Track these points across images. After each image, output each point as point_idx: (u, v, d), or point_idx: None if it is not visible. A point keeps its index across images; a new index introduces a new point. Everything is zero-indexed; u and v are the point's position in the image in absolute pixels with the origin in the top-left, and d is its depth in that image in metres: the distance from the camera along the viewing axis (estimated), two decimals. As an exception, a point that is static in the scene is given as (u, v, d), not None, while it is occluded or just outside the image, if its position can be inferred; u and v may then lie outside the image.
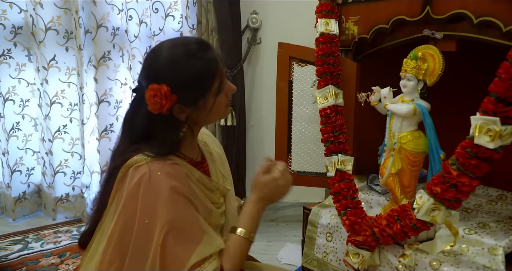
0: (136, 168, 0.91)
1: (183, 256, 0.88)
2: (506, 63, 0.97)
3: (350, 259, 1.34)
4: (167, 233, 0.87)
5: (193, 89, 0.92)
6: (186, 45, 0.93)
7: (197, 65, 0.91)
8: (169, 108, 0.91)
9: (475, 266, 1.17)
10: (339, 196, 1.41)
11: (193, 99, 0.93)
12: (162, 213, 0.88)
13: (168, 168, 0.91)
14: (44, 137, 2.47)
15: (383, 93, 1.36)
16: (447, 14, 1.27)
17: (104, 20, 2.28)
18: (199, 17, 2.21)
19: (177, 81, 0.90)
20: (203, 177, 1.01)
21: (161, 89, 0.88)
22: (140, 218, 0.89)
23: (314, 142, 1.69)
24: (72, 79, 2.46)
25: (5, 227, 2.40)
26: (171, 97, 0.89)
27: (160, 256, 0.86)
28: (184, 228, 0.90)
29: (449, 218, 1.13)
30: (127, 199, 0.90)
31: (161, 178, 0.89)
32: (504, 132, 0.98)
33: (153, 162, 0.91)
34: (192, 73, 0.91)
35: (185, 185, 0.93)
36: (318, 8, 1.59)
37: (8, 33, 2.35)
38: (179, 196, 0.90)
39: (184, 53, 0.92)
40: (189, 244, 0.89)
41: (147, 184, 0.89)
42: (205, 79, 0.93)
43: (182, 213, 0.90)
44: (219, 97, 0.97)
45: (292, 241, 2.22)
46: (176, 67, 0.91)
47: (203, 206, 0.97)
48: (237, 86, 2.25)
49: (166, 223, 0.87)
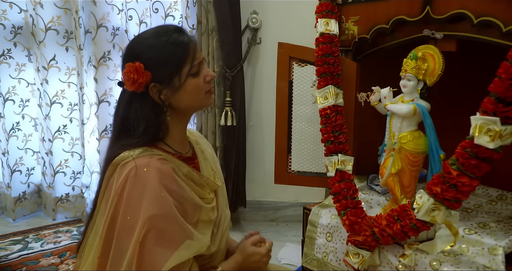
0: (123, 165, 0.92)
1: (160, 258, 0.88)
2: (506, 63, 0.97)
3: (350, 259, 1.34)
4: (148, 231, 0.87)
5: (165, 66, 0.95)
6: (160, 27, 1.00)
7: (168, 43, 0.95)
8: (143, 84, 0.93)
9: (475, 266, 1.17)
10: (339, 196, 1.41)
11: (167, 77, 0.95)
12: (146, 208, 0.88)
13: (155, 163, 0.91)
14: (44, 137, 2.47)
15: (383, 93, 1.36)
16: (447, 14, 1.27)
17: (104, 20, 2.28)
18: (199, 17, 2.20)
19: (150, 58, 0.94)
20: (191, 172, 1.01)
21: (134, 65, 0.92)
22: (123, 213, 0.89)
23: (314, 142, 1.69)
24: (72, 79, 2.46)
25: (5, 227, 2.40)
26: (145, 74, 0.93)
27: (138, 255, 0.87)
28: (166, 228, 0.90)
29: (449, 218, 1.13)
30: (115, 197, 0.90)
31: (148, 173, 0.90)
32: (504, 132, 0.98)
33: (139, 157, 0.92)
34: (164, 50, 0.94)
35: (173, 181, 0.93)
36: (318, 8, 1.60)
37: (8, 33, 2.35)
38: (166, 194, 0.90)
39: (157, 34, 0.97)
40: (169, 246, 0.89)
41: (133, 179, 0.89)
42: (177, 56, 0.95)
43: (167, 212, 0.90)
44: (196, 80, 0.98)
45: (292, 241, 2.22)
46: (149, 45, 0.96)
47: (190, 202, 0.97)
48: (237, 86, 2.25)
49: (148, 219, 0.87)
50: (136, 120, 0.95)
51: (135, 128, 0.95)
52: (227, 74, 2.23)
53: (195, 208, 0.98)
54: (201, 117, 2.31)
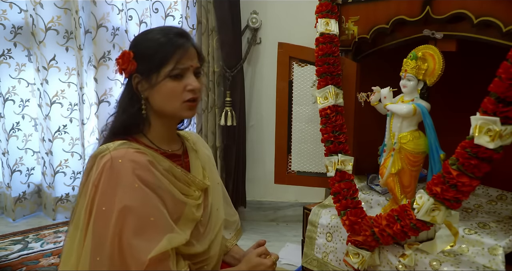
0: (101, 157, 0.93)
1: (142, 249, 0.87)
2: (506, 63, 0.97)
3: (350, 259, 1.34)
4: (125, 222, 0.87)
5: (148, 60, 0.97)
6: (168, 26, 1.05)
7: (162, 40, 0.98)
8: (127, 71, 0.98)
9: (475, 266, 1.17)
10: (339, 196, 1.41)
11: (147, 71, 0.97)
12: (120, 198, 0.88)
13: (130, 155, 0.92)
14: (44, 137, 2.47)
15: (383, 93, 1.36)
16: (447, 14, 1.27)
17: (104, 20, 2.28)
18: (199, 17, 2.21)
19: (141, 49, 0.99)
20: (174, 168, 1.01)
21: (125, 53, 0.98)
22: (98, 205, 0.89)
23: (314, 142, 1.69)
24: (72, 79, 2.46)
25: (5, 227, 2.40)
26: (131, 62, 0.97)
27: (118, 247, 0.86)
28: (143, 218, 0.89)
29: (449, 218, 1.13)
30: (92, 189, 0.91)
31: (122, 164, 0.90)
32: (504, 132, 0.98)
33: (116, 149, 0.93)
34: (154, 45, 0.97)
35: (149, 173, 0.93)
36: (318, 8, 1.59)
37: (8, 33, 2.35)
38: (141, 184, 0.90)
39: (160, 30, 1.02)
40: (149, 237, 0.89)
41: (108, 171, 0.90)
42: (162, 54, 0.97)
43: (142, 202, 0.90)
44: (173, 83, 0.97)
45: (292, 241, 2.22)
46: (147, 38, 1.00)
47: (169, 195, 0.96)
48: (237, 86, 2.25)
49: (123, 209, 0.87)
50: (119, 106, 1.02)
51: (116, 112, 1.03)
52: (227, 74, 2.23)
53: (176, 202, 0.98)
54: (201, 117, 2.31)
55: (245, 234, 2.25)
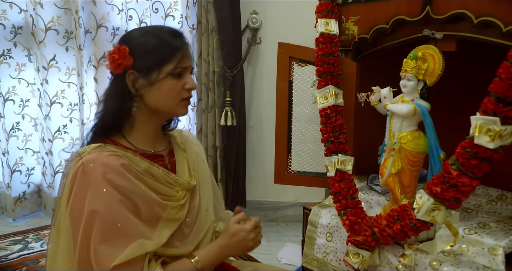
0: (76, 162, 0.92)
1: (106, 255, 0.85)
2: (506, 63, 0.97)
3: (350, 259, 1.34)
4: (92, 227, 0.86)
5: (149, 56, 0.95)
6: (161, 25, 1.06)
7: (161, 37, 0.97)
8: (122, 66, 0.95)
9: (475, 266, 1.17)
10: (339, 196, 1.41)
11: (146, 67, 0.96)
12: (89, 203, 0.87)
13: (102, 159, 0.91)
14: (44, 137, 2.47)
15: (383, 93, 1.36)
16: (447, 14, 1.27)
17: (104, 20, 2.28)
18: (199, 17, 2.21)
19: (137, 44, 0.96)
20: (153, 169, 0.99)
21: (120, 47, 0.95)
22: (71, 209, 0.89)
23: (314, 142, 1.69)
24: (72, 79, 2.46)
25: (5, 227, 2.40)
26: (127, 57, 0.94)
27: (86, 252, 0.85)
28: (111, 223, 0.87)
29: (449, 218, 1.13)
30: (67, 194, 0.91)
31: (93, 169, 0.89)
32: (504, 132, 0.98)
33: (90, 153, 0.92)
34: (153, 41, 0.96)
35: (120, 176, 0.91)
36: (318, 8, 1.60)
37: (8, 33, 2.35)
38: (111, 188, 0.88)
39: (155, 28, 1.02)
40: (116, 243, 0.87)
41: (81, 175, 0.90)
42: (163, 52, 0.96)
43: (110, 207, 0.88)
44: (173, 81, 0.97)
45: (292, 241, 2.22)
46: (142, 34, 0.99)
47: (144, 198, 0.94)
48: (237, 86, 2.25)
49: (90, 214, 0.86)
50: (105, 100, 0.99)
51: (102, 109, 0.99)
52: (227, 74, 2.23)
53: (152, 205, 0.96)
54: (201, 117, 2.31)
55: (245, 234, 2.25)
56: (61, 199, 0.94)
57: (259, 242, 1.06)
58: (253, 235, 1.03)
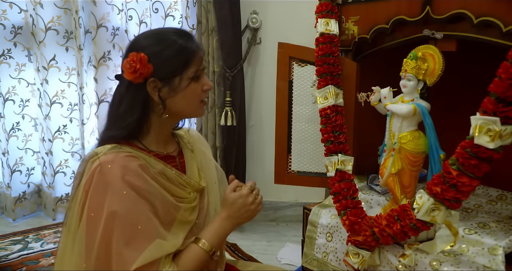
0: (92, 162, 0.91)
1: (128, 258, 0.85)
2: (506, 63, 0.97)
3: (350, 259, 1.34)
4: (112, 229, 0.85)
5: (171, 64, 0.94)
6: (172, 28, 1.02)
7: (178, 44, 0.95)
8: (143, 75, 0.92)
9: (475, 266, 1.17)
10: (339, 196, 1.41)
11: (169, 74, 0.94)
12: (108, 205, 0.86)
13: (119, 160, 0.90)
14: (44, 137, 2.47)
15: (383, 93, 1.36)
16: (447, 14, 1.27)
17: (104, 20, 2.28)
18: (199, 17, 2.21)
19: (156, 52, 0.93)
20: (167, 170, 0.98)
21: (138, 55, 0.91)
22: (88, 210, 0.88)
23: (314, 142, 1.69)
24: (72, 79, 2.46)
25: (5, 227, 2.40)
26: (147, 65, 0.92)
27: (105, 254, 0.85)
28: (130, 225, 0.87)
29: (449, 218, 1.13)
30: (83, 194, 0.90)
31: (111, 170, 0.88)
32: (504, 132, 0.98)
33: (107, 154, 0.91)
34: (172, 48, 0.94)
35: (139, 178, 0.90)
36: (318, 8, 1.60)
37: (8, 33, 2.35)
38: (130, 190, 0.88)
39: (168, 32, 0.98)
40: (137, 245, 0.86)
41: (98, 177, 0.89)
42: (184, 56, 0.95)
43: (130, 209, 0.87)
44: (195, 85, 0.98)
45: (292, 241, 2.22)
46: (157, 39, 0.95)
47: (161, 200, 0.94)
48: (237, 86, 2.25)
49: (110, 215, 0.85)
50: (125, 112, 0.95)
51: (122, 117, 0.95)
52: (227, 74, 2.23)
53: (168, 206, 0.95)
54: (201, 117, 2.31)
55: (245, 234, 2.25)
56: (74, 200, 0.93)
57: (260, 204, 1.04)
58: (251, 199, 1.01)
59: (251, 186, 1.03)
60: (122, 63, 0.95)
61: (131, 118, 0.95)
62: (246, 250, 2.10)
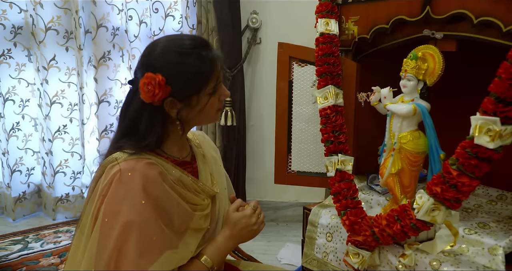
0: (111, 167, 0.90)
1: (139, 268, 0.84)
2: (506, 63, 0.97)
3: (350, 259, 1.34)
4: (127, 237, 0.84)
5: (189, 84, 0.92)
6: (188, 39, 0.94)
7: (197, 61, 0.91)
8: (161, 98, 0.90)
9: (475, 266, 1.17)
10: (339, 196, 1.41)
11: (187, 95, 0.92)
12: (125, 213, 0.85)
13: (140, 168, 0.88)
14: (44, 137, 2.47)
15: (383, 93, 1.36)
16: (447, 14, 1.27)
17: (104, 20, 2.28)
18: (199, 17, 2.21)
19: (174, 73, 0.90)
20: (184, 177, 0.98)
21: (156, 78, 0.88)
22: (103, 215, 0.87)
23: (314, 142, 1.69)
24: (72, 79, 2.46)
25: (5, 227, 2.40)
26: (165, 88, 0.89)
27: (116, 262, 0.84)
28: (146, 236, 0.86)
29: (449, 218, 1.13)
30: (99, 198, 0.89)
31: (132, 177, 0.87)
32: (504, 132, 0.98)
33: (127, 160, 0.90)
34: (191, 68, 0.91)
35: (158, 187, 0.89)
36: (318, 8, 1.60)
37: (8, 33, 2.35)
38: (149, 200, 0.87)
39: (185, 47, 0.92)
40: (149, 256, 0.85)
41: (117, 183, 0.87)
42: (203, 75, 0.92)
43: (147, 219, 0.86)
44: (213, 99, 0.96)
45: (292, 241, 2.22)
46: (174, 60, 0.91)
47: (178, 210, 0.93)
48: (237, 86, 2.26)
49: (127, 224, 0.84)
50: (145, 128, 0.93)
51: (141, 135, 0.93)
52: (227, 74, 2.23)
53: (184, 215, 0.95)
54: (201, 117, 2.31)
55: (245, 234, 2.25)
56: (89, 203, 0.93)
57: (262, 223, 1.04)
58: (254, 219, 1.02)
59: (254, 205, 1.03)
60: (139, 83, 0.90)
61: (151, 138, 0.93)
62: (246, 250, 2.10)
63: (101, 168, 0.94)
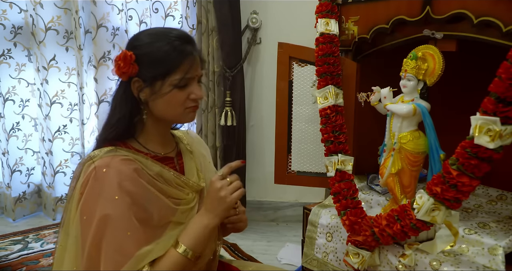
0: (88, 166, 0.92)
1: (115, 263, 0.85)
2: (506, 63, 0.97)
3: (350, 259, 1.34)
4: (103, 233, 0.85)
5: (154, 67, 0.94)
6: (175, 30, 0.98)
7: (166, 46, 0.94)
8: (127, 74, 0.93)
9: (475, 266, 1.17)
10: (339, 196, 1.41)
11: (151, 77, 0.94)
12: (100, 208, 0.86)
13: (115, 164, 0.90)
14: (44, 137, 2.47)
15: (383, 93, 1.36)
16: (447, 14, 1.27)
17: (104, 20, 2.28)
18: (199, 17, 2.21)
19: (144, 53, 0.94)
20: (164, 172, 0.98)
21: (126, 54, 0.93)
22: (80, 213, 0.89)
23: (314, 142, 1.69)
24: (72, 79, 2.46)
25: (5, 227, 2.40)
26: (132, 66, 0.93)
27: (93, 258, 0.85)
28: (122, 230, 0.87)
29: (449, 218, 1.13)
30: (78, 197, 0.91)
31: (106, 174, 0.89)
32: (504, 132, 0.98)
33: (102, 158, 0.91)
34: (161, 51, 0.93)
35: (133, 183, 0.90)
36: (318, 8, 1.60)
37: (8, 33, 2.35)
38: (124, 195, 0.87)
39: (165, 33, 0.96)
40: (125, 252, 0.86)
41: (93, 180, 0.89)
42: (167, 63, 0.94)
43: (122, 214, 0.87)
44: (178, 92, 0.96)
45: (292, 241, 2.22)
46: (151, 41, 0.95)
47: (157, 204, 0.93)
48: (237, 86, 2.26)
49: (101, 219, 0.86)
50: (113, 108, 0.98)
51: (110, 116, 0.98)
52: (227, 74, 2.23)
53: (165, 210, 0.95)
54: (201, 117, 2.31)
55: (245, 234, 2.25)
56: (70, 202, 0.94)
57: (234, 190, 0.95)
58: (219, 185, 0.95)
59: (223, 173, 0.97)
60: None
61: (119, 115, 0.96)
62: (246, 250, 2.10)
63: (79, 166, 0.96)
